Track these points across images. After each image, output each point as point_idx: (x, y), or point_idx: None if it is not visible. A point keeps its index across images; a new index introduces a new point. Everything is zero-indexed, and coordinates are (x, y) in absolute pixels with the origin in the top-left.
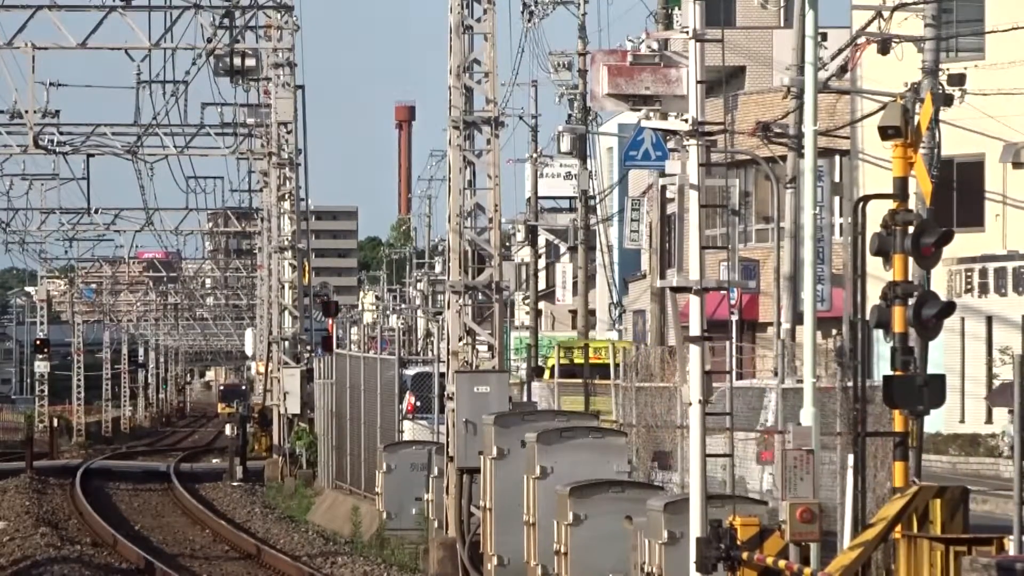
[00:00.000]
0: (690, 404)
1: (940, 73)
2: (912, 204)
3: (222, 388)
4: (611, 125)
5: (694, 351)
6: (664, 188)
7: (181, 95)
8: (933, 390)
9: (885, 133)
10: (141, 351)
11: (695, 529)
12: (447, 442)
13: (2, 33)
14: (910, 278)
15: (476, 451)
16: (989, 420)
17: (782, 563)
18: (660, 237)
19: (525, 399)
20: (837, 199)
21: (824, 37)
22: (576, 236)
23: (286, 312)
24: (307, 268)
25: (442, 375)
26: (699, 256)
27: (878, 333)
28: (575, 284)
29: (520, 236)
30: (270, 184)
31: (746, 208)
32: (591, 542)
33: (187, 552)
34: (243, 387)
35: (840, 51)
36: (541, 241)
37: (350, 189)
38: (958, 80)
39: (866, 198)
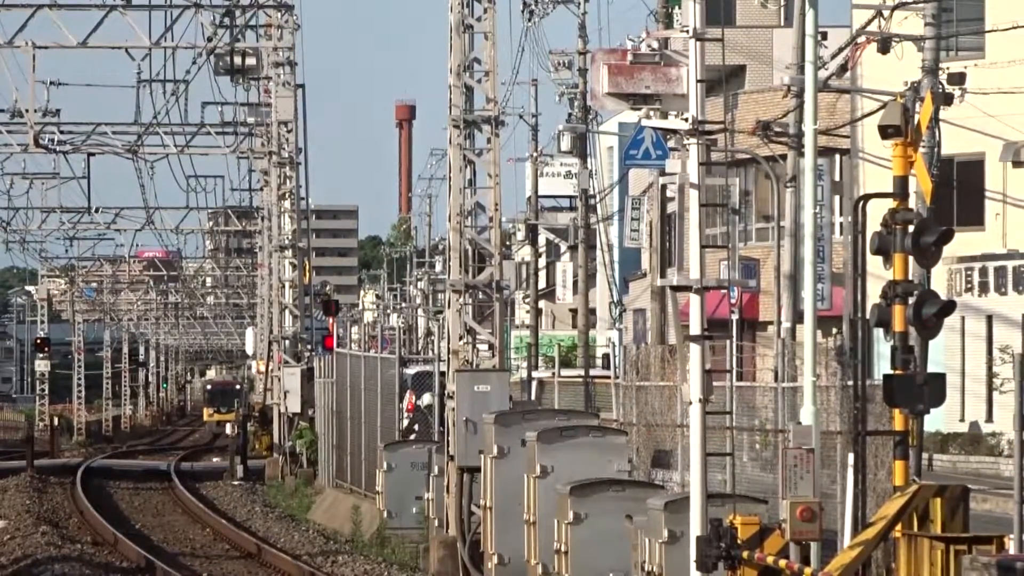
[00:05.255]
0: (690, 403)
1: (940, 72)
2: (912, 203)
3: (209, 387)
4: (611, 124)
5: (694, 350)
6: (664, 187)
7: (181, 94)
8: (933, 389)
9: (885, 132)
10: (141, 350)
11: (695, 528)
12: (447, 441)
13: (3, 32)
14: (910, 277)
15: (476, 450)
16: (989, 419)
17: (782, 562)
18: (660, 236)
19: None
20: (837, 198)
21: (824, 36)
22: (576, 235)
23: (286, 311)
24: (307, 267)
25: (443, 374)
26: (699, 255)
27: (878, 332)
28: (575, 283)
29: (520, 235)
30: (270, 183)
31: (746, 207)
32: (591, 541)
33: (187, 551)
34: (238, 386)
35: (840, 50)
36: (541, 240)
37: (350, 188)
38: (958, 79)
39: (866, 197)
